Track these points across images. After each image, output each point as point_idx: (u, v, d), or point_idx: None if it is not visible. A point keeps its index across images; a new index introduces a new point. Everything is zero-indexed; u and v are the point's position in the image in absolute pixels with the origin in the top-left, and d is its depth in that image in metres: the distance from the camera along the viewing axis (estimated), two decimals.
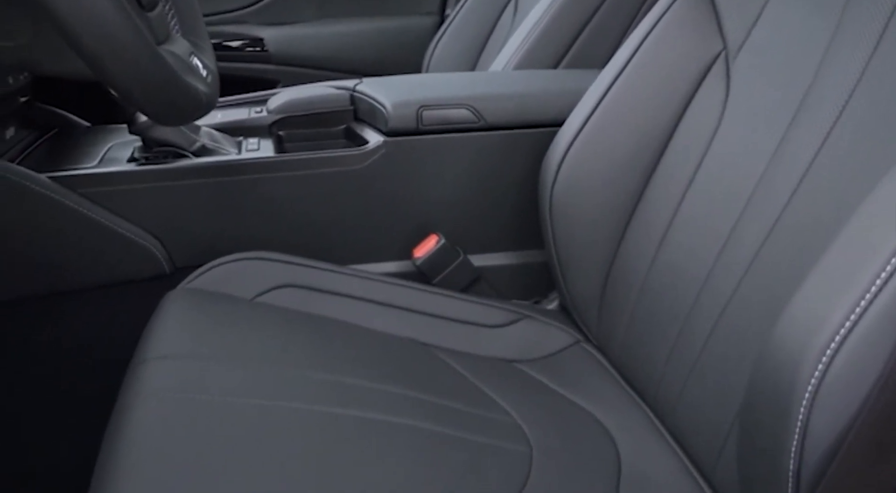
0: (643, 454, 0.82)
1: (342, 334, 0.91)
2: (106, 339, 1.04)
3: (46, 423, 1.07)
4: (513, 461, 0.77)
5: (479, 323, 1.02)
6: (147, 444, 0.63)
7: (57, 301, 1.03)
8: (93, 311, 1.04)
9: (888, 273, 0.49)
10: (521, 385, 0.94)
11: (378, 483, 0.67)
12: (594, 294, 0.99)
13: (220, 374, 0.74)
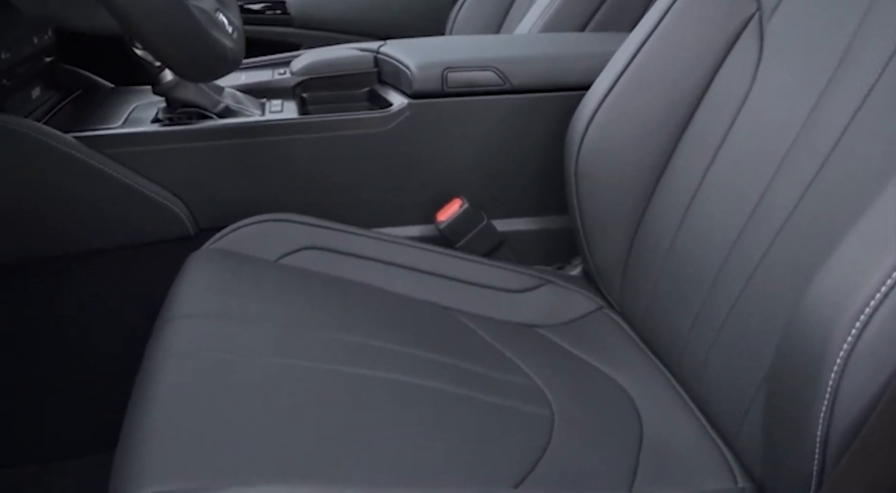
0: (665, 419, 0.82)
1: (365, 297, 0.91)
2: (131, 299, 1.05)
3: (73, 381, 1.09)
4: (534, 425, 0.77)
5: (502, 288, 1.01)
6: (173, 401, 0.63)
7: (82, 262, 1.04)
8: (118, 271, 1.05)
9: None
10: (543, 350, 0.94)
11: (400, 443, 0.67)
12: (618, 260, 0.98)
13: (244, 333, 0.74)
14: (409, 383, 0.75)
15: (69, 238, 1.02)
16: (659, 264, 0.91)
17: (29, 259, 1.03)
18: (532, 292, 1.02)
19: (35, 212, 0.99)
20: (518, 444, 0.73)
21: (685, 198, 0.88)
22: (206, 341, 0.71)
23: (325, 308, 0.84)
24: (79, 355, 1.08)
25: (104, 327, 1.07)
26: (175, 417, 0.61)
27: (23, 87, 1.05)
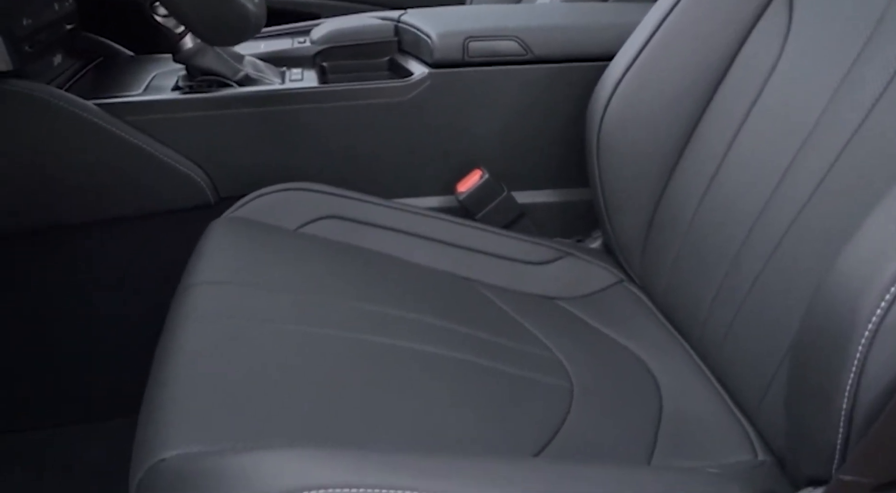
0: (685, 393, 0.81)
1: (384, 267, 0.91)
2: (152, 266, 1.06)
3: (96, 347, 1.10)
4: (553, 396, 0.77)
5: (521, 260, 1.01)
6: (195, 366, 0.64)
7: (103, 229, 1.05)
8: (139, 239, 1.06)
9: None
10: (563, 322, 0.94)
11: (419, 412, 0.67)
12: (639, 233, 0.98)
13: (264, 300, 0.74)
14: (429, 353, 0.75)
15: (90, 206, 1.02)
16: (680, 237, 0.90)
17: (51, 226, 1.03)
18: (552, 264, 1.02)
19: (57, 179, 1.00)
20: (537, 414, 0.73)
21: (709, 170, 0.87)
22: (227, 308, 0.71)
23: (345, 277, 0.84)
24: (101, 322, 1.09)
25: (126, 293, 1.08)
26: (197, 381, 0.61)
27: (44, 54, 1.05)
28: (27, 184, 0.99)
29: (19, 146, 0.97)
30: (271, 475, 0.48)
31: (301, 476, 0.49)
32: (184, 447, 0.54)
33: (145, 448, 0.55)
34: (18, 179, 0.99)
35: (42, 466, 1.05)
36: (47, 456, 1.06)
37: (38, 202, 1.01)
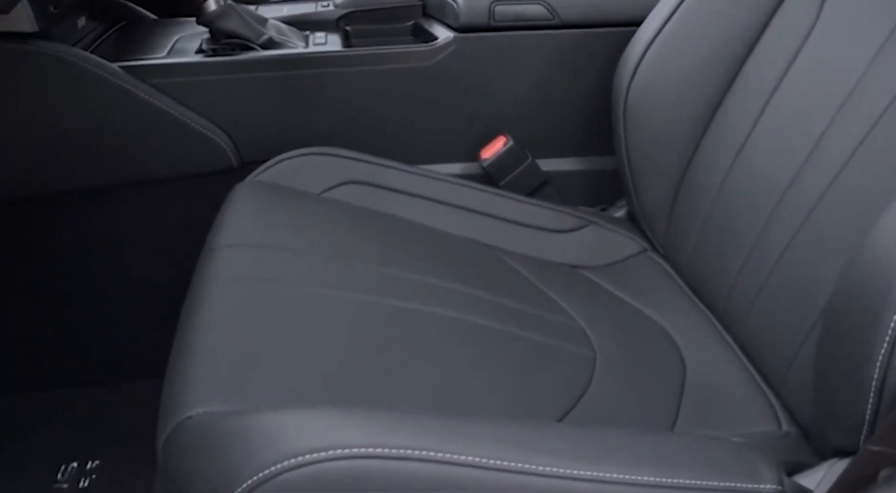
0: (709, 362, 0.81)
1: (407, 232, 0.91)
2: (176, 229, 1.06)
3: (122, 308, 1.11)
4: (576, 363, 0.77)
5: (545, 228, 1.00)
6: (220, 326, 0.64)
7: (128, 192, 1.05)
8: (163, 202, 1.06)
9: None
10: (585, 291, 0.93)
11: (442, 375, 0.67)
12: (664, 202, 0.96)
13: (288, 263, 0.74)
14: (451, 318, 0.75)
15: (114, 169, 1.03)
16: (707, 206, 0.89)
17: (75, 190, 1.04)
18: (575, 232, 1.01)
19: (80, 142, 1.00)
20: (559, 381, 0.73)
21: (739, 137, 0.85)
22: (252, 270, 0.71)
23: (368, 242, 0.84)
24: (126, 284, 1.10)
25: (150, 256, 1.09)
26: (222, 341, 0.61)
27: (68, 15, 1.04)
28: (51, 146, 1.00)
29: (43, 108, 0.97)
30: (296, 435, 0.49)
31: (325, 437, 0.49)
32: (209, 405, 0.54)
33: (172, 406, 0.55)
34: (42, 141, 0.99)
35: (69, 424, 1.07)
36: (74, 415, 1.08)
37: (62, 165, 1.01)
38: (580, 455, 0.54)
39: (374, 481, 0.49)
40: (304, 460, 0.47)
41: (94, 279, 1.10)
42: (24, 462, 1.00)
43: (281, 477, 0.48)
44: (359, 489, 0.49)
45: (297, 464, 0.47)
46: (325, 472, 0.48)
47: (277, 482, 0.48)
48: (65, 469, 1.00)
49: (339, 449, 0.48)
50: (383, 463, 0.48)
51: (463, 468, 0.50)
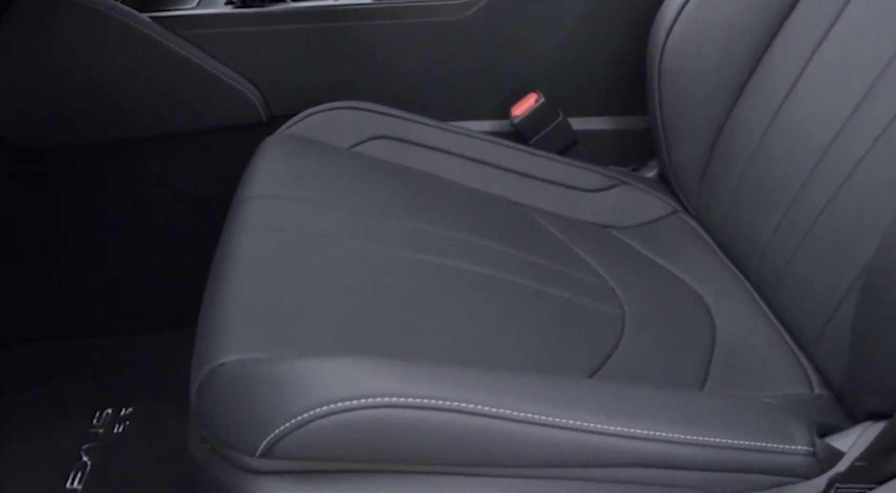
0: (739, 324, 0.80)
1: (436, 188, 0.90)
2: (206, 181, 1.06)
3: (151, 260, 1.12)
4: (605, 322, 0.76)
5: (575, 186, 0.99)
6: (251, 276, 0.64)
7: (157, 144, 1.05)
8: (193, 155, 1.06)
9: None
10: (615, 250, 0.92)
11: (472, 330, 0.67)
12: (698, 161, 0.95)
13: (318, 216, 0.74)
14: (481, 273, 0.75)
15: (143, 120, 1.03)
16: (742, 165, 0.87)
17: (105, 140, 1.04)
18: (606, 192, 1.00)
19: (109, 93, 1.00)
20: (589, 339, 0.73)
21: (779, 95, 0.83)
22: (282, 221, 0.71)
23: (398, 197, 0.84)
24: (158, 235, 1.11)
25: (180, 208, 1.09)
26: (254, 290, 0.62)
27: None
28: (80, 97, 1.00)
29: (72, 58, 0.97)
30: (328, 383, 0.49)
31: (357, 385, 0.49)
32: (242, 352, 0.54)
33: (205, 353, 0.56)
34: (71, 91, 0.99)
35: (103, 372, 1.09)
36: (108, 364, 1.10)
37: (91, 116, 1.02)
38: (610, 411, 0.54)
39: (404, 430, 0.49)
40: (335, 407, 0.48)
41: (125, 231, 1.11)
42: (62, 407, 1.02)
43: (312, 424, 0.48)
44: (390, 437, 0.49)
45: (328, 411, 0.48)
46: (356, 420, 0.48)
47: (309, 429, 0.48)
48: (100, 415, 1.02)
49: (370, 398, 0.48)
50: (414, 413, 0.49)
51: (493, 420, 0.50)
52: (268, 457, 0.50)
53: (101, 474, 0.94)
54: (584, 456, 0.53)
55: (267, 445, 0.49)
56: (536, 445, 0.52)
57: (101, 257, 1.12)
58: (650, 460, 0.55)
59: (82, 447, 0.97)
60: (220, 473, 0.53)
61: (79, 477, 0.94)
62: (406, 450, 0.50)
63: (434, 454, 0.51)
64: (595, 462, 0.54)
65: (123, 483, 0.93)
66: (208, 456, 0.54)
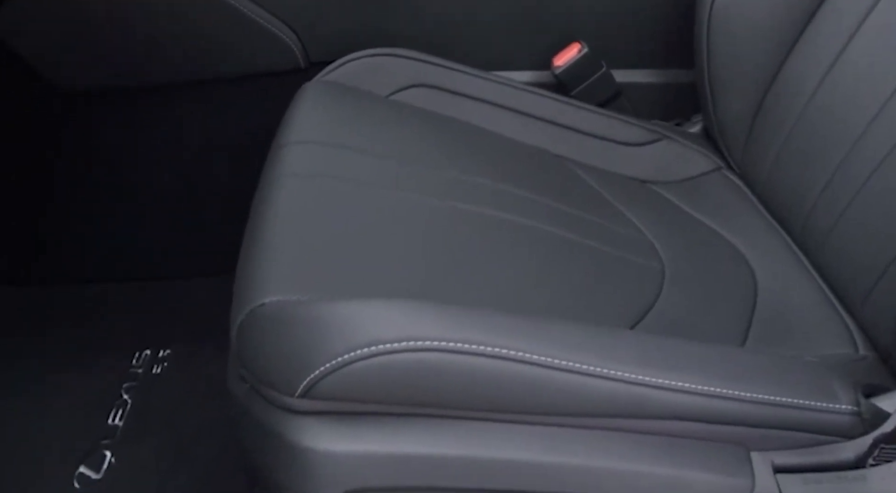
0: (782, 283, 0.78)
1: (476, 138, 0.89)
2: (244, 128, 1.06)
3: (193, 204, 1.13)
4: (644, 276, 0.75)
5: (616, 140, 0.97)
6: (291, 221, 0.64)
7: (196, 89, 1.05)
8: (231, 101, 1.06)
9: None
10: (655, 206, 0.91)
11: (512, 279, 0.67)
12: (744, 117, 0.92)
13: (357, 162, 0.74)
14: (520, 223, 0.74)
15: (181, 65, 1.02)
16: (792, 122, 0.84)
17: (147, 85, 1.04)
18: (647, 146, 0.98)
19: (146, 37, 1.00)
20: (627, 293, 0.72)
21: (833, 50, 0.80)
22: (321, 167, 0.71)
23: (437, 146, 0.83)
24: (196, 180, 1.11)
25: (218, 154, 1.09)
26: (294, 233, 0.62)
27: None
28: (120, 40, 1.00)
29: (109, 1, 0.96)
30: (369, 325, 0.49)
31: (398, 328, 0.49)
32: (283, 294, 0.54)
33: (245, 294, 0.56)
34: (108, 36, 0.99)
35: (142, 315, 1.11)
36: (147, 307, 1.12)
37: (130, 60, 1.01)
38: (650, 362, 0.53)
39: (443, 374, 0.49)
40: (377, 349, 0.48)
41: (165, 176, 1.11)
42: (103, 348, 1.05)
43: (353, 366, 0.48)
44: (429, 381, 0.49)
45: (369, 353, 0.48)
46: (396, 363, 0.48)
47: (350, 370, 0.48)
48: (139, 356, 1.04)
49: (412, 341, 0.48)
50: (454, 357, 0.48)
51: (533, 368, 0.50)
52: (307, 397, 0.50)
53: (141, 412, 0.97)
54: (622, 407, 0.53)
55: (307, 385, 0.49)
56: (575, 394, 0.52)
57: (140, 202, 1.13)
58: (689, 413, 0.54)
59: (123, 385, 1.00)
60: (259, 412, 0.54)
61: (120, 414, 0.96)
62: (445, 394, 0.50)
63: (472, 400, 0.51)
64: (633, 414, 0.53)
65: (163, 421, 0.95)
66: (248, 395, 0.55)
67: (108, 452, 0.92)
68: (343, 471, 0.51)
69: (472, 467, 0.53)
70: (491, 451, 0.53)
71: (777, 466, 0.56)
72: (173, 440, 0.93)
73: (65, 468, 0.90)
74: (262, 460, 0.55)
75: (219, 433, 0.93)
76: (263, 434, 0.53)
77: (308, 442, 0.51)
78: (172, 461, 0.90)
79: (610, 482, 0.54)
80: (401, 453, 0.52)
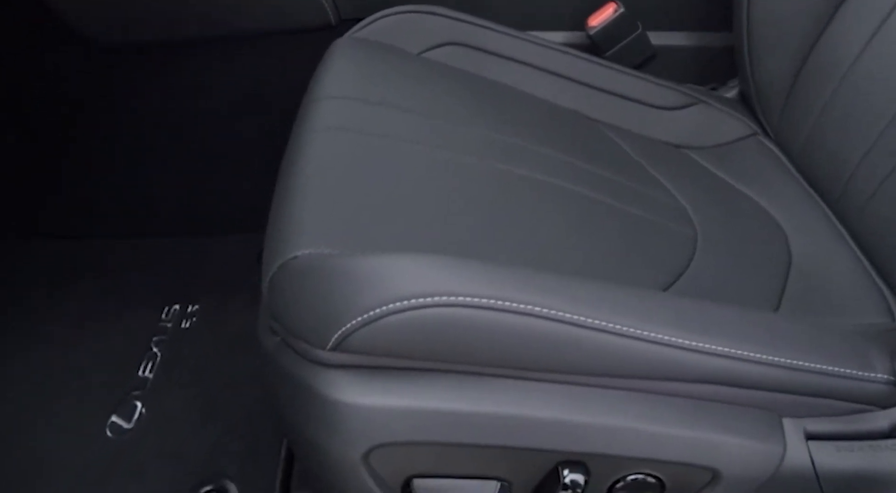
0: (818, 251, 0.77)
1: (507, 98, 0.88)
2: (274, 84, 1.05)
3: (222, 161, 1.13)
4: (677, 241, 0.74)
5: (650, 103, 0.95)
6: (322, 175, 0.63)
7: (228, 45, 1.04)
8: (261, 58, 1.05)
9: None
10: (689, 171, 0.89)
11: (545, 239, 0.66)
12: (783, 82, 0.90)
13: (389, 118, 0.73)
14: (554, 185, 0.73)
15: (213, 21, 1.01)
16: (832, 88, 0.82)
17: (177, 40, 1.04)
18: (682, 110, 0.96)
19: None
20: (659, 257, 0.71)
21: (879, 12, 0.77)
22: (353, 122, 0.70)
23: (469, 104, 0.82)
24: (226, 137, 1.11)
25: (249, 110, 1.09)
26: (325, 189, 0.61)
27: None
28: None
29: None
30: (402, 279, 0.49)
31: (431, 283, 0.48)
32: (315, 247, 0.54)
33: (278, 246, 0.56)
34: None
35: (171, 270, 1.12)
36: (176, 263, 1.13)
37: (160, 14, 1.01)
38: (685, 325, 0.52)
39: (475, 330, 0.49)
40: (409, 304, 0.48)
41: (194, 132, 1.11)
42: (133, 302, 1.06)
43: (385, 320, 0.48)
44: (461, 337, 0.49)
45: (402, 308, 0.48)
46: (429, 318, 0.48)
47: (381, 325, 0.48)
48: (168, 310, 1.05)
49: (445, 296, 0.48)
50: (487, 314, 0.48)
51: (564, 326, 0.50)
52: (338, 350, 0.50)
53: (170, 365, 0.98)
54: (655, 369, 0.52)
55: (338, 338, 0.49)
56: (607, 354, 0.51)
57: (170, 157, 1.14)
58: (722, 377, 0.54)
59: (152, 339, 1.01)
60: (289, 364, 0.54)
61: (150, 367, 0.98)
62: (476, 351, 0.50)
63: (503, 357, 0.51)
64: (665, 376, 0.53)
65: (192, 374, 0.97)
66: (278, 348, 0.55)
67: (139, 403, 0.93)
68: (370, 425, 0.52)
69: (499, 424, 0.53)
70: (518, 409, 0.53)
71: (809, 433, 0.56)
72: (202, 392, 0.94)
73: (98, 417, 0.92)
74: (291, 412, 0.55)
75: (246, 386, 0.94)
76: (293, 387, 0.53)
77: (337, 395, 0.51)
78: (201, 412, 0.92)
79: (636, 442, 0.54)
80: (429, 408, 0.52)
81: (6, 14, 1.02)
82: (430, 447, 0.53)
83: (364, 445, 0.52)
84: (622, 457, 0.54)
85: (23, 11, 1.02)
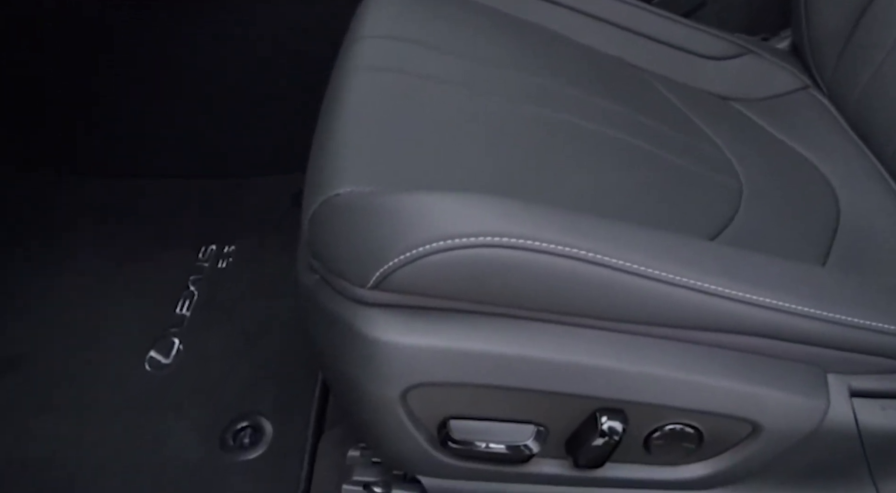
0: (868, 209, 0.75)
1: (552, 44, 0.85)
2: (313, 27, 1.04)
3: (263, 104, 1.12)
4: (721, 192, 0.73)
5: (698, 53, 0.92)
6: (364, 113, 0.62)
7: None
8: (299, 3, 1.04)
9: None
10: (736, 123, 0.87)
11: (589, 185, 0.64)
12: (840, 32, 0.86)
13: (432, 59, 0.71)
14: (596, 130, 0.71)
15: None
16: (890, 43, 0.78)
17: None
18: (731, 60, 0.93)
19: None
20: (704, 207, 0.69)
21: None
22: (395, 62, 0.69)
23: (513, 49, 0.80)
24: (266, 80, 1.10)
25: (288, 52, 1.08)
26: (367, 127, 0.60)
27: None
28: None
29: None
30: (447, 218, 0.48)
31: (476, 223, 0.48)
32: (357, 185, 0.53)
33: (319, 184, 0.55)
34: None
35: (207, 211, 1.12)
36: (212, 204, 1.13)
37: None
38: (733, 275, 0.51)
39: (520, 272, 0.48)
40: (452, 243, 0.47)
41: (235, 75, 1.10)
42: (170, 241, 1.07)
43: (427, 259, 0.47)
44: (504, 278, 0.48)
45: (444, 247, 0.47)
46: (472, 258, 0.47)
47: (423, 263, 0.48)
48: (205, 250, 1.06)
49: (488, 237, 0.47)
50: (531, 256, 0.47)
51: (609, 271, 0.49)
52: (378, 289, 0.49)
53: (207, 303, 0.99)
54: (702, 319, 0.51)
55: (379, 276, 0.49)
56: (652, 301, 0.50)
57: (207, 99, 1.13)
58: (769, 330, 0.52)
59: (189, 278, 1.02)
60: (328, 302, 0.53)
61: (187, 305, 0.99)
62: (518, 293, 0.50)
63: (547, 301, 0.50)
64: (711, 327, 0.52)
65: (228, 313, 0.98)
66: (317, 286, 0.55)
67: (177, 339, 0.95)
68: (408, 364, 0.51)
69: (539, 368, 0.52)
70: (559, 354, 0.52)
71: (854, 390, 0.55)
72: (238, 330, 0.95)
73: (136, 352, 0.93)
74: (330, 350, 0.55)
75: (283, 325, 0.95)
76: (332, 324, 0.53)
77: (376, 334, 0.51)
78: (237, 350, 0.93)
79: (677, 392, 0.53)
80: (469, 350, 0.51)
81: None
82: (468, 389, 0.53)
83: (402, 384, 0.52)
84: (663, 406, 0.53)
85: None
